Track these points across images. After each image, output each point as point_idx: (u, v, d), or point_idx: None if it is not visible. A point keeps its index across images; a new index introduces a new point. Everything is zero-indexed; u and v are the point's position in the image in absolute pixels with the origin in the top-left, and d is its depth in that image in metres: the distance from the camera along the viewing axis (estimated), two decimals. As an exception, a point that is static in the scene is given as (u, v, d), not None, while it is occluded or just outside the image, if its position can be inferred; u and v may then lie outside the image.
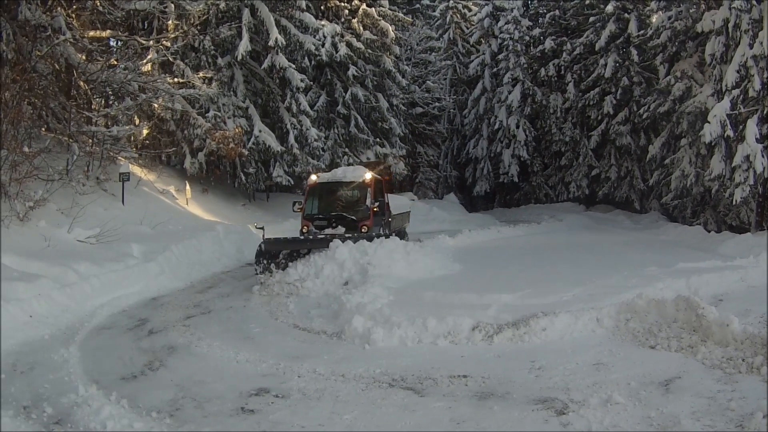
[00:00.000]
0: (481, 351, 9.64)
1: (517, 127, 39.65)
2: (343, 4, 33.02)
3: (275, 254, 16.51)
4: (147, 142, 25.44)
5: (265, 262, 16.15)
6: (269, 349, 10.10)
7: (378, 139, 33.49)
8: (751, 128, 20.26)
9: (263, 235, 16.96)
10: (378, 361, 9.24)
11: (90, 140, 20.38)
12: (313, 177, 19.56)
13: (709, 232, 24.12)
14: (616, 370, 8.57)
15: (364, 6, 33.15)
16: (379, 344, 9.98)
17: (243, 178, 27.92)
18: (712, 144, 21.54)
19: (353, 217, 18.36)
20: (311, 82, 30.97)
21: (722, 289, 13.41)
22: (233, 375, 8.86)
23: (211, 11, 26.21)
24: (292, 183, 29.15)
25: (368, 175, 18.78)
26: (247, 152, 26.45)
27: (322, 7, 32.67)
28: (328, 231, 17.62)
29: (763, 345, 8.70)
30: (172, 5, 22.80)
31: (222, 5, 26.43)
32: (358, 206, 18.87)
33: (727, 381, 7.93)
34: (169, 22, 23.73)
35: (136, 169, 23.08)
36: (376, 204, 18.62)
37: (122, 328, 11.62)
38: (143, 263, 15.61)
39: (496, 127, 40.55)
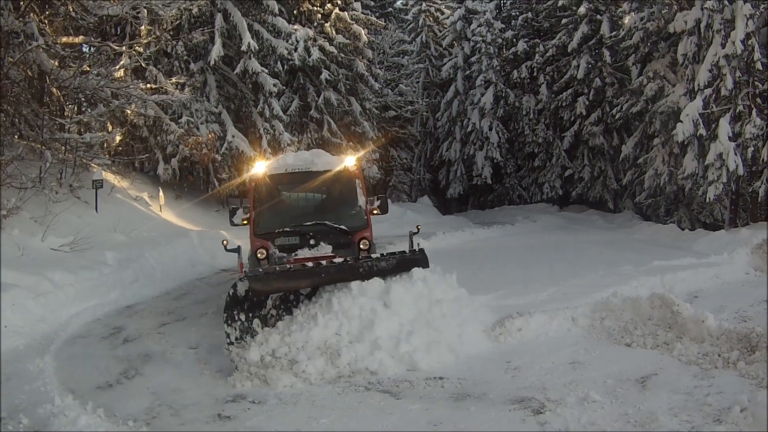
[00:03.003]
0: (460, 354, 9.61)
1: (490, 129, 39.69)
2: (315, 8, 32.99)
3: (260, 302, 9.97)
4: (120, 148, 25.33)
5: (242, 319, 9.70)
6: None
7: (351, 143, 33.42)
8: (724, 127, 20.43)
9: (242, 261, 11.72)
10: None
11: (63, 147, 20.22)
12: (260, 166, 12.68)
13: (683, 230, 24.26)
14: (592, 368, 8.65)
15: (336, 10, 33.10)
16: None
17: (216, 183, 27.85)
18: (685, 143, 21.69)
19: (344, 227, 12.13)
20: (284, 87, 30.93)
21: (697, 286, 13.61)
22: (209, 382, 8.85)
23: (183, 16, 26.13)
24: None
25: (351, 161, 12.81)
26: (220, 158, 26.41)
27: (294, 12, 32.61)
28: (304, 253, 11.52)
29: (739, 340, 8.79)
30: (145, 10, 22.67)
31: (195, 10, 26.33)
32: (345, 209, 12.85)
33: (703, 376, 8.03)
34: (142, 27, 23.58)
35: (109, 176, 22.94)
36: (376, 203, 12.96)
37: (97, 336, 11.59)
38: (118, 271, 15.54)
39: (469, 129, 40.57)
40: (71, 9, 20.54)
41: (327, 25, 32.74)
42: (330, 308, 9.36)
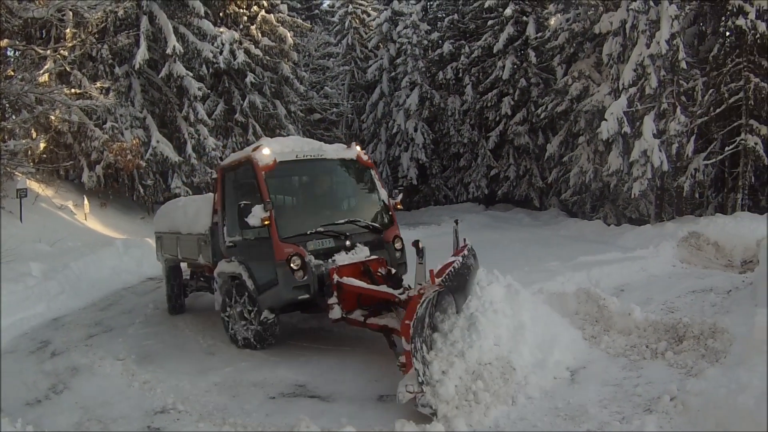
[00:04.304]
0: (387, 356, 9.59)
1: (416, 130, 39.76)
2: (242, 10, 32.81)
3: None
4: (44, 156, 24.83)
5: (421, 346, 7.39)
6: (172, 364, 10.00)
7: (277, 147, 33.27)
8: (648, 124, 20.76)
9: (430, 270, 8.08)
10: (281, 371, 9.24)
11: (-15, 156, 19.82)
12: (265, 151, 10.32)
13: (608, 225, 24.57)
14: (520, 363, 8.67)
15: (263, 12, 32.99)
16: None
17: (141, 190, 27.59)
18: (610, 141, 21.98)
19: (376, 224, 11.12)
20: (209, 91, 30.77)
21: (623, 279, 13.74)
22: (137, 394, 8.73)
23: (109, 19, 25.80)
24: (191, 194, 28.43)
25: (357, 150, 11.69)
26: (144, 164, 26.14)
27: (221, 14, 32.46)
28: (342, 258, 9.99)
29: (666, 331, 8.94)
30: (71, 13, 22.29)
31: (120, 13, 26.00)
32: (368, 204, 11.56)
33: (632, 368, 8.13)
34: (67, 30, 23.26)
35: (33, 185, 22.56)
36: (399, 197, 11.65)
37: (24, 351, 11.41)
38: (43, 282, 15.28)
39: (395, 131, 40.60)
40: (-5, 11, 20.14)
41: (253, 27, 32.62)
42: (476, 320, 7.82)
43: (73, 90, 22.96)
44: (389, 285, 9.46)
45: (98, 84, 24.00)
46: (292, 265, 9.56)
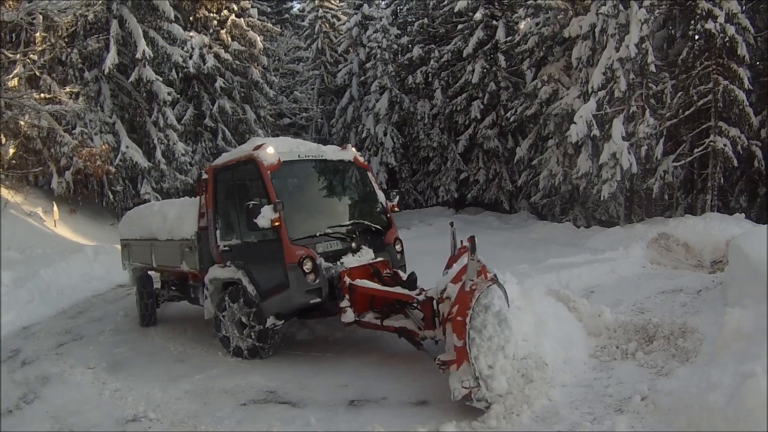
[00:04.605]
0: (357, 360, 9.67)
1: (385, 134, 39.68)
2: (212, 14, 32.73)
3: None
4: (14, 161, 24.57)
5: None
6: (143, 372, 9.95)
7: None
8: (617, 127, 20.87)
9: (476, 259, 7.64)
10: (251, 377, 9.23)
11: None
12: (269, 150, 9.97)
13: (578, 227, 24.70)
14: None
15: (233, 17, 32.94)
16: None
17: (111, 196, 27.39)
18: (579, 143, 22.10)
19: (378, 226, 11.10)
20: (178, 95, 30.60)
21: (593, 281, 13.82)
22: (108, 402, 8.68)
23: (79, 23, 25.66)
24: (160, 200, 28.24)
25: (353, 151, 11.60)
26: (114, 169, 25.95)
27: (191, 18, 32.34)
28: (350, 261, 9.93)
29: (636, 331, 9.02)
30: (41, 16, 22.12)
31: (91, 16, 25.86)
32: (368, 206, 11.46)
33: (602, 369, 8.19)
34: (37, 34, 23.06)
35: (2, 191, 22.33)
36: (396, 199, 11.69)
37: (-6, 360, 11.26)
38: (13, 290, 15.19)
39: (364, 135, 40.46)
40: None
41: (223, 31, 32.54)
42: (505, 316, 7.56)
43: (42, 95, 22.82)
44: (404, 287, 9.47)
45: (68, 89, 23.88)
46: (304, 267, 9.27)
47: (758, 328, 7.02)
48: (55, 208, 24.55)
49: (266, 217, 9.26)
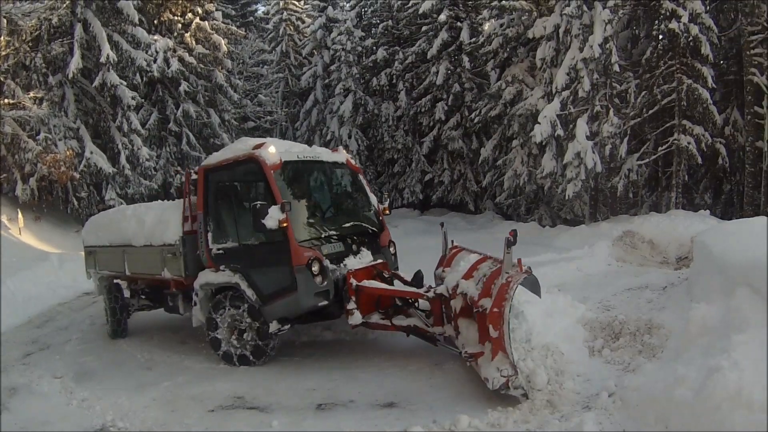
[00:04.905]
0: (324, 364, 9.66)
1: (350, 137, 39.58)
2: (176, 17, 32.49)
3: None
4: (-23, 169, 24.28)
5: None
6: (110, 381, 9.87)
7: (210, 156, 33.02)
8: (582, 127, 20.98)
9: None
10: (219, 383, 9.17)
11: None
12: (271, 150, 9.79)
13: (543, 227, 24.86)
14: (453, 369, 8.76)
15: (197, 20, 32.71)
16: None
17: (75, 202, 27.07)
18: (543, 143, 22.22)
19: (373, 228, 11.15)
20: (143, 100, 30.32)
21: (560, 279, 13.76)
22: (76, 412, 8.58)
23: (43, 26, 25.43)
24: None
25: (345, 154, 11.64)
26: (78, 175, 25.66)
27: (155, 21, 32.08)
28: (352, 262, 9.93)
29: (602, 328, 9.05)
30: (5, 20, 21.84)
31: (55, 20, 25.64)
32: (361, 209, 11.49)
33: (569, 365, 8.16)
34: (1, 38, 22.78)
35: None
36: (386, 202, 11.85)
37: (-41, 371, 11.09)
38: (-23, 300, 14.96)
39: (329, 138, 40.32)
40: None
41: (187, 35, 32.32)
42: (522, 309, 8.03)
43: (6, 100, 22.56)
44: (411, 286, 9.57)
45: (32, 94, 23.65)
46: (312, 269, 9.11)
47: (723, 323, 7.07)
48: (20, 215, 24.24)
49: (274, 217, 9.02)
